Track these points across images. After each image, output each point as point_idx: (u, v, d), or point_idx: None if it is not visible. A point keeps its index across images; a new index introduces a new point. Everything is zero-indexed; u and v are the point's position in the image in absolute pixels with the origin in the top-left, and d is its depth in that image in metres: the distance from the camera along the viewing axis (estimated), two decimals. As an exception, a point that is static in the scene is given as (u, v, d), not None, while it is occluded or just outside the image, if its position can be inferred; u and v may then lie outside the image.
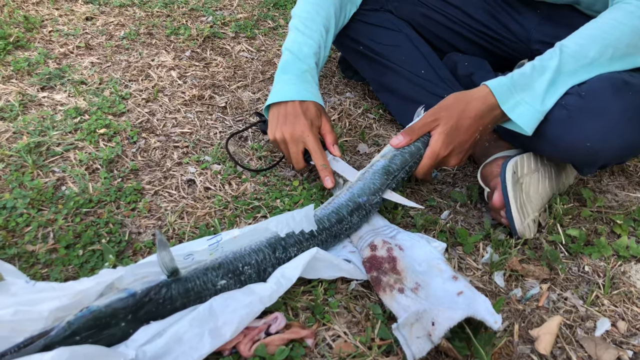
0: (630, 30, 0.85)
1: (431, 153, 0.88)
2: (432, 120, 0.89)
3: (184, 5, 1.65)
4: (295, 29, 1.03)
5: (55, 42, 1.42)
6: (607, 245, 0.90)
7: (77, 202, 0.92)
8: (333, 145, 0.97)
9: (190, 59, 1.40)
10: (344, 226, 0.85)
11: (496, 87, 0.86)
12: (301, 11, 1.04)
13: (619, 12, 0.86)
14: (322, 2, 1.05)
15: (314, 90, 0.99)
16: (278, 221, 0.81)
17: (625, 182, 1.09)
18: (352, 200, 0.87)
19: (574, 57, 0.85)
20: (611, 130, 0.82)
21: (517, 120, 0.85)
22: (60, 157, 1.03)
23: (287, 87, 0.98)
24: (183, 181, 1.01)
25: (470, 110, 0.86)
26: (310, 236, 0.81)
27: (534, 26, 1.14)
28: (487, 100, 0.86)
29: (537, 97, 0.84)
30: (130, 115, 1.17)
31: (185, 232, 0.89)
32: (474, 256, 0.89)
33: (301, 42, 1.01)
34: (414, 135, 0.89)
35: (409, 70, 1.12)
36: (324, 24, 1.03)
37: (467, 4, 1.20)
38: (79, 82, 1.25)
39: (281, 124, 0.96)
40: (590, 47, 0.85)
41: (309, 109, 0.96)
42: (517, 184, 0.89)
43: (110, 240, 0.86)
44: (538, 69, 0.85)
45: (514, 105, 0.85)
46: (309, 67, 1.00)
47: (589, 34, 0.86)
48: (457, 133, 0.87)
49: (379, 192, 0.88)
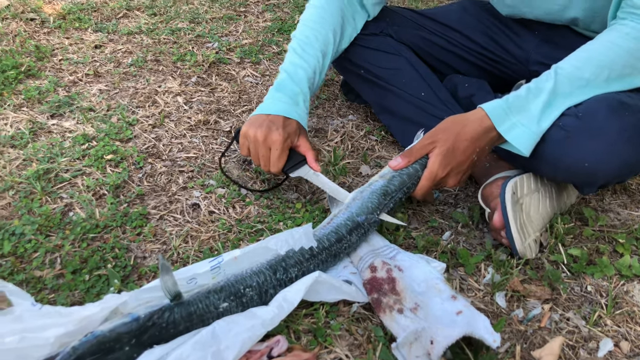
0: (626, 52, 0.86)
1: (429, 174, 0.90)
2: (429, 142, 0.91)
3: (190, 32, 1.69)
4: (294, 51, 1.06)
5: (65, 70, 1.45)
6: (609, 264, 0.90)
7: (84, 228, 0.94)
8: (314, 161, 0.99)
9: (196, 85, 1.43)
10: (343, 245, 0.86)
11: (492, 109, 0.88)
12: (301, 34, 1.07)
13: (614, 34, 0.87)
14: (321, 27, 1.07)
15: (302, 113, 1.02)
16: (277, 239, 0.83)
17: (627, 201, 1.09)
18: (351, 220, 0.88)
19: (569, 78, 0.86)
20: (609, 151, 0.83)
21: (513, 142, 0.86)
22: (68, 183, 1.05)
23: (276, 103, 1.01)
24: (188, 205, 1.03)
25: (466, 132, 0.88)
26: (310, 256, 0.82)
27: (533, 48, 1.16)
28: (483, 123, 0.87)
29: (533, 119, 0.86)
30: (137, 141, 1.19)
31: (190, 256, 0.91)
32: (476, 277, 0.89)
33: (297, 65, 1.04)
34: (412, 157, 0.91)
35: (410, 93, 1.14)
36: (321, 49, 1.06)
37: (466, 27, 1.23)
38: (87, 109, 1.28)
39: (257, 126, 0.98)
40: (585, 68, 0.86)
41: (290, 125, 0.99)
42: (517, 205, 0.89)
43: (116, 265, 0.88)
44: (533, 91, 0.87)
45: (510, 127, 0.86)
46: (301, 91, 1.03)
47: (585, 56, 0.88)
48: (454, 154, 0.88)
49: (376, 211, 0.89)
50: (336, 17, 1.10)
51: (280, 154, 0.97)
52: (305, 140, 1.00)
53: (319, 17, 1.08)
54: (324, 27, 1.08)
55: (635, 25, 0.86)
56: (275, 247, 0.82)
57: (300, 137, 1.00)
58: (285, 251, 0.81)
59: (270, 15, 1.84)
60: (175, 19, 1.77)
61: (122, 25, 1.71)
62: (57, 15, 1.73)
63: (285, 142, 0.97)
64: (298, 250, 0.82)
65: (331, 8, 1.10)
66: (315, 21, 1.08)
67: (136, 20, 1.75)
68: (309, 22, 1.08)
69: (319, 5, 1.10)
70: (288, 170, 0.99)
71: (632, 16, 0.87)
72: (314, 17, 1.09)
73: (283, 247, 0.82)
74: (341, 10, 1.11)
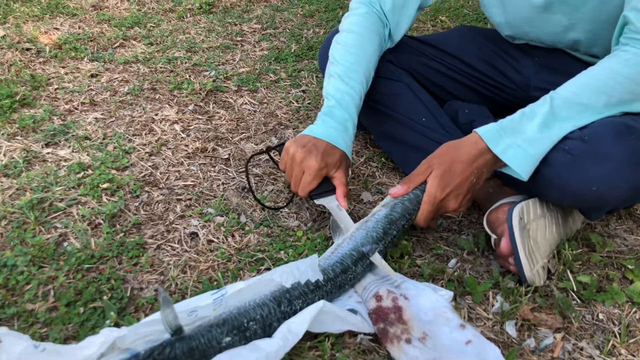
0: (626, 79, 0.85)
1: (428, 197, 0.89)
2: (425, 168, 0.90)
3: (187, 61, 1.68)
4: (338, 77, 1.05)
5: (61, 99, 1.44)
6: (620, 291, 0.88)
7: (79, 258, 0.91)
8: (343, 197, 0.97)
9: (193, 113, 1.41)
10: (349, 276, 0.84)
11: (485, 132, 0.88)
12: (343, 60, 1.06)
13: (614, 60, 0.87)
14: (363, 53, 1.07)
15: (348, 141, 1.01)
16: (283, 271, 0.80)
17: (633, 226, 1.08)
18: (356, 250, 0.85)
19: (567, 102, 0.86)
20: (617, 175, 0.81)
21: (509, 163, 0.85)
22: (62, 212, 1.03)
23: (327, 129, 1.00)
24: (186, 234, 1.00)
25: (461, 155, 0.88)
26: (315, 287, 0.79)
27: (532, 73, 1.16)
28: (477, 145, 0.87)
29: (528, 141, 0.85)
30: (134, 169, 1.17)
31: (188, 286, 0.88)
32: (484, 305, 0.87)
33: (344, 91, 1.03)
34: (412, 184, 0.91)
35: (410, 118, 1.13)
36: (365, 75, 1.06)
37: (465, 53, 1.23)
38: (83, 138, 1.26)
39: (301, 145, 0.97)
40: (583, 94, 0.86)
41: (332, 155, 0.97)
42: (525, 230, 0.87)
43: (112, 296, 0.84)
44: (528, 115, 0.87)
45: (505, 148, 0.86)
46: (350, 117, 1.02)
47: (583, 82, 0.87)
48: (451, 176, 0.88)
49: (382, 240, 0.87)
50: (375, 44, 1.09)
51: (311, 180, 0.96)
52: (342, 174, 0.99)
53: (360, 43, 1.08)
54: (366, 52, 1.07)
55: (636, 51, 0.86)
56: (280, 280, 0.79)
57: (339, 169, 0.98)
58: (291, 284, 0.78)
59: (267, 44, 1.85)
60: (171, 48, 1.77)
61: (119, 55, 1.71)
62: (53, 45, 1.73)
63: (321, 170, 0.96)
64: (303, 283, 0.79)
65: (369, 34, 1.09)
66: (357, 46, 1.07)
67: (133, 50, 1.75)
68: (350, 47, 1.07)
69: (357, 31, 1.09)
70: (313, 196, 0.97)
71: (634, 41, 0.87)
72: (355, 42, 1.08)
73: (289, 279, 0.79)
74: (378, 37, 1.11)
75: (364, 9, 1.12)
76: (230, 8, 2.15)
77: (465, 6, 2.32)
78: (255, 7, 2.18)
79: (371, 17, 1.11)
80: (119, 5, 2.11)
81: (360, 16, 1.11)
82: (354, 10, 1.14)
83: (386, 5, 1.12)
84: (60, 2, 2.07)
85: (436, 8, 2.26)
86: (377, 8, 1.12)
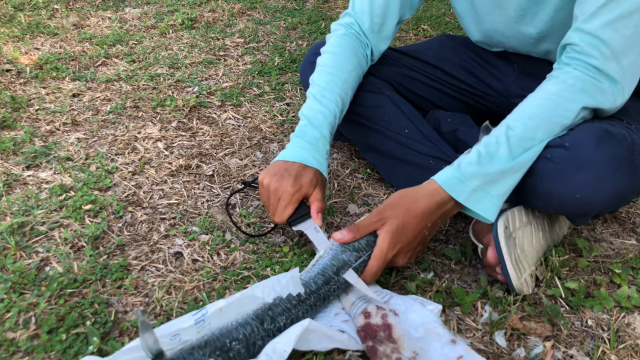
0: (573, 104, 0.85)
1: (379, 253, 0.84)
2: (377, 220, 0.86)
3: (170, 77, 1.67)
4: (313, 97, 1.04)
5: (42, 120, 1.42)
6: (608, 296, 0.88)
7: (61, 283, 0.89)
8: (317, 214, 0.95)
9: (176, 130, 1.40)
10: (332, 287, 0.82)
11: (445, 180, 0.85)
12: (319, 80, 1.06)
13: (559, 86, 0.86)
14: (339, 72, 1.06)
15: (321, 159, 1.00)
16: (264, 286, 0.79)
17: (619, 230, 1.08)
18: (336, 258, 0.84)
19: (522, 139, 0.84)
20: (600, 181, 0.81)
21: (475, 209, 0.84)
22: (44, 236, 1.01)
23: (296, 150, 0.99)
24: (170, 254, 0.98)
25: (417, 207, 0.85)
26: (298, 302, 0.78)
27: (512, 80, 1.16)
28: (436, 197, 0.85)
29: (490, 183, 0.83)
30: (117, 189, 1.16)
31: (174, 307, 0.86)
32: (473, 316, 0.86)
33: (317, 110, 1.02)
34: (358, 234, 0.86)
35: (393, 130, 1.13)
36: (340, 95, 1.04)
37: (445, 63, 1.23)
38: (64, 159, 1.25)
39: (272, 174, 0.96)
40: (537, 128, 0.84)
41: (305, 175, 0.96)
42: (511, 239, 0.87)
43: (96, 321, 0.83)
44: (484, 155, 0.84)
45: (469, 195, 0.83)
46: (322, 135, 1.01)
47: (533, 113, 0.86)
48: (403, 232, 0.84)
49: (363, 250, 0.86)
50: (352, 63, 1.09)
51: (287, 205, 0.94)
52: (318, 191, 0.97)
53: (336, 62, 1.07)
54: (342, 71, 1.06)
55: (579, 75, 0.85)
56: (262, 295, 0.78)
57: (315, 188, 0.96)
58: (273, 299, 0.77)
59: (250, 58, 1.85)
60: (154, 65, 1.76)
61: (101, 73, 1.70)
62: (34, 66, 1.71)
63: (295, 194, 0.94)
64: (285, 297, 0.78)
65: (347, 54, 1.09)
66: (332, 66, 1.07)
67: (115, 68, 1.74)
68: (326, 67, 1.07)
69: (335, 51, 1.09)
70: (292, 223, 0.95)
71: (575, 62, 0.86)
72: (331, 62, 1.07)
73: (270, 294, 0.78)
74: (356, 57, 1.10)
75: (342, 30, 1.13)
76: (212, 23, 2.15)
77: (446, 14, 2.33)
78: (238, 21, 2.18)
79: (349, 37, 1.11)
80: (100, 24, 2.10)
81: (339, 37, 1.11)
82: (334, 32, 1.14)
83: (364, 24, 1.12)
84: (41, 21, 2.06)
85: (418, 17, 2.28)
86: (355, 29, 1.12)
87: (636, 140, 0.88)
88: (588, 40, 0.85)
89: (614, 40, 0.83)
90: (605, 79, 0.85)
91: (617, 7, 0.82)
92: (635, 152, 0.85)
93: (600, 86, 0.85)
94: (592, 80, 0.85)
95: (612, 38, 0.83)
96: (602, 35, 0.84)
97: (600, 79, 0.85)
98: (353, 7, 1.13)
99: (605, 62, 0.84)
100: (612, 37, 0.83)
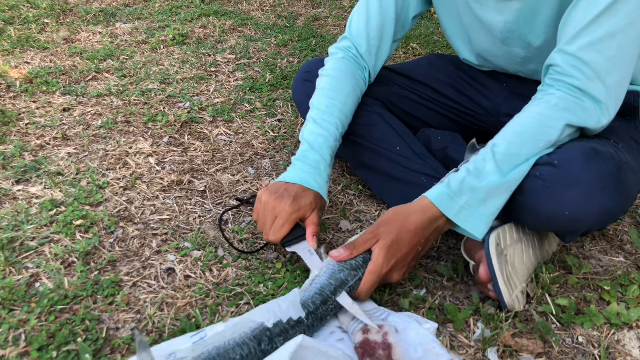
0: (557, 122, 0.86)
1: (374, 268, 0.85)
2: (372, 237, 0.87)
3: (162, 93, 1.68)
4: (313, 121, 1.05)
5: (32, 134, 1.42)
6: (598, 313, 0.89)
7: (52, 300, 0.88)
8: (312, 237, 0.95)
9: (168, 145, 1.40)
10: (329, 307, 0.83)
11: (437, 197, 0.86)
12: (319, 104, 1.07)
13: (543, 106, 0.88)
14: (339, 95, 1.08)
15: (322, 183, 1.00)
16: (265, 310, 0.79)
17: (607, 247, 1.10)
18: (334, 277, 0.85)
19: (508, 156, 0.85)
20: (588, 199, 0.83)
21: (463, 226, 0.85)
22: (34, 252, 1.00)
23: (298, 172, 0.99)
24: (162, 270, 0.98)
25: (410, 223, 0.86)
26: (296, 323, 0.78)
27: (502, 100, 1.18)
28: (427, 213, 0.86)
29: (479, 201, 0.84)
30: (108, 204, 1.15)
31: (166, 324, 0.86)
32: (466, 332, 0.87)
33: (317, 134, 1.03)
34: (355, 251, 0.86)
35: (385, 148, 1.14)
36: (340, 118, 1.06)
37: (434, 82, 1.25)
38: (55, 174, 1.24)
39: (272, 192, 0.96)
40: (522, 145, 0.86)
41: (305, 197, 0.96)
42: (502, 256, 0.88)
43: (87, 338, 0.82)
44: (473, 173, 0.85)
45: (459, 211, 0.85)
46: (322, 158, 1.01)
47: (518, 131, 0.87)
48: (398, 247, 0.85)
49: (360, 268, 0.86)
50: (350, 86, 1.10)
51: (283, 224, 0.94)
52: (315, 215, 0.97)
53: (335, 86, 1.09)
54: (341, 94, 1.08)
55: (562, 95, 0.87)
56: (262, 320, 0.77)
57: (313, 211, 0.97)
58: (273, 324, 0.77)
59: (241, 74, 1.86)
60: (145, 80, 1.76)
61: (92, 88, 1.69)
62: (24, 80, 1.71)
63: (293, 214, 0.94)
64: (285, 321, 0.78)
65: (345, 77, 1.10)
66: (332, 89, 1.08)
67: (106, 83, 1.74)
68: (326, 91, 1.08)
69: (333, 74, 1.11)
70: (286, 244, 0.95)
71: (559, 84, 0.88)
72: (330, 86, 1.09)
73: (270, 319, 0.78)
74: (354, 79, 1.12)
75: (341, 54, 1.14)
76: (203, 39, 2.16)
77: (435, 33, 2.37)
78: (229, 38, 2.20)
79: (347, 61, 1.13)
80: (91, 38, 2.10)
81: (337, 61, 1.13)
82: (332, 55, 1.16)
83: (362, 48, 1.13)
84: (31, 36, 2.05)
85: (407, 36, 2.31)
86: (353, 52, 1.14)
87: (623, 159, 0.90)
88: (570, 61, 0.87)
89: (595, 62, 0.85)
90: (587, 99, 0.86)
91: (598, 29, 0.84)
92: (623, 170, 0.87)
93: (583, 105, 0.86)
94: (575, 100, 0.86)
95: (593, 59, 0.85)
96: (583, 57, 0.85)
97: (583, 99, 0.86)
98: (350, 31, 1.15)
99: (588, 83, 0.86)
100: (593, 58, 0.85)
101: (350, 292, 0.85)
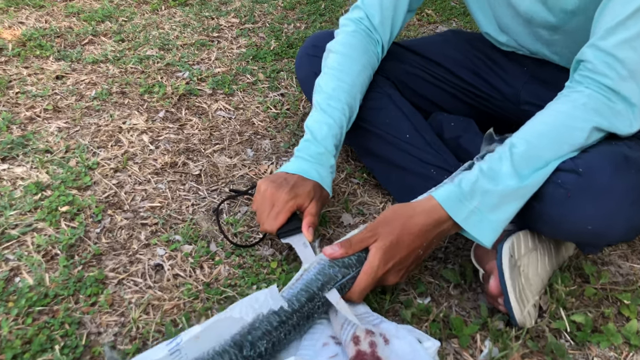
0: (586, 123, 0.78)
1: (369, 269, 0.78)
2: (370, 235, 0.80)
3: (160, 60, 1.58)
4: (318, 106, 0.97)
5: (22, 104, 1.34)
6: (616, 332, 0.82)
7: (30, 300, 0.83)
8: (308, 228, 0.89)
9: (164, 121, 1.32)
10: (316, 304, 0.76)
11: (445, 199, 0.78)
12: (325, 86, 0.99)
13: (570, 105, 0.79)
14: (347, 76, 0.99)
15: (324, 173, 0.94)
16: (241, 306, 0.75)
17: (628, 251, 1.02)
18: (322, 273, 0.78)
19: (527, 158, 0.77)
20: (614, 213, 0.75)
21: (471, 232, 0.78)
22: (16, 241, 0.95)
23: (298, 162, 0.94)
24: (150, 266, 0.92)
25: (412, 225, 0.78)
26: (279, 323, 0.73)
27: (522, 84, 1.08)
28: (433, 214, 0.78)
29: (491, 206, 0.77)
30: (97, 188, 1.08)
31: (150, 330, 0.81)
32: (472, 350, 0.81)
33: (322, 122, 0.96)
34: (350, 249, 0.80)
35: (393, 135, 1.05)
36: (347, 102, 0.97)
37: (448, 61, 1.15)
38: (43, 151, 1.17)
39: (271, 181, 0.91)
40: (545, 147, 0.78)
41: (303, 186, 0.90)
42: (515, 268, 0.81)
43: (65, 345, 0.77)
44: (487, 174, 0.77)
45: (468, 215, 0.77)
46: (325, 150, 0.94)
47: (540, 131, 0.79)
48: (397, 249, 0.78)
49: (353, 267, 0.80)
50: (361, 63, 1.01)
51: (279, 212, 0.88)
52: (313, 205, 0.90)
53: (344, 65, 1.00)
54: (350, 75, 0.99)
55: (591, 94, 0.78)
56: (240, 316, 0.72)
57: (312, 201, 0.90)
58: (252, 318, 0.72)
59: (245, 40, 1.75)
60: (144, 46, 1.66)
61: (87, 53, 1.60)
62: (17, 42, 1.62)
63: (289, 202, 0.88)
64: (265, 319, 0.72)
65: (356, 54, 1.01)
66: (340, 69, 0.99)
67: (102, 47, 1.64)
68: (334, 70, 1.00)
69: (343, 51, 1.01)
70: (281, 235, 0.89)
71: (588, 81, 0.79)
72: (339, 65, 1.00)
73: (249, 313, 0.73)
74: (366, 55, 1.03)
75: (352, 26, 1.04)
76: (207, 0, 2.04)
77: (453, -3, 2.22)
78: (234, -2, 2.07)
79: (359, 35, 1.03)
80: (89, -4, 1.99)
81: (347, 35, 1.03)
82: (343, 27, 1.06)
83: (375, 18, 1.03)
84: (26, -8, 1.94)
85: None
86: (365, 24, 1.04)
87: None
88: (603, 58, 0.77)
89: (631, 60, 0.76)
90: (619, 101, 0.77)
91: (636, 24, 0.75)
92: (655, 180, 0.78)
93: (614, 107, 0.77)
94: (606, 101, 0.77)
95: (629, 57, 0.76)
96: (617, 54, 0.76)
97: (615, 100, 0.77)
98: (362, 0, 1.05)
99: (621, 83, 0.76)
100: (629, 56, 0.76)
101: (341, 291, 0.79)
